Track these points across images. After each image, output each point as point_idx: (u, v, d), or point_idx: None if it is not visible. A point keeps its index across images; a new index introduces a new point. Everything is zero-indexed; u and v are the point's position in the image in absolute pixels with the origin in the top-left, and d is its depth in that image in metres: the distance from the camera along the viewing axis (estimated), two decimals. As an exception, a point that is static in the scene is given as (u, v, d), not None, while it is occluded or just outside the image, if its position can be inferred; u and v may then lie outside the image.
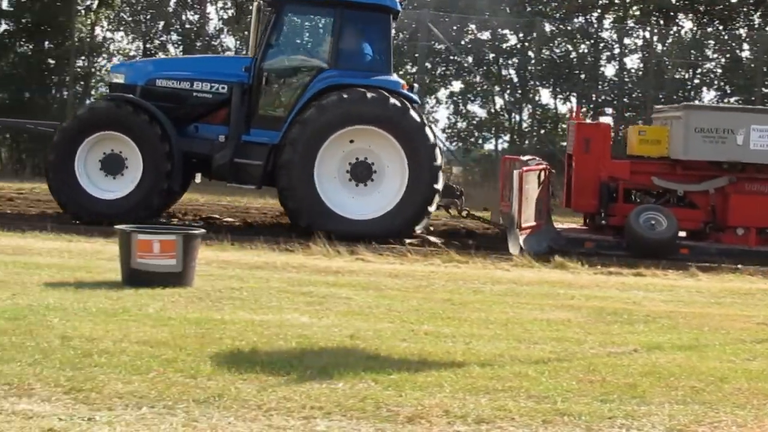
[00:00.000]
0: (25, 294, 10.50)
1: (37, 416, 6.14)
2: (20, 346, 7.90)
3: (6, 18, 35.04)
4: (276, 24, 19.97)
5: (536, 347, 9.13)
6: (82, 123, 19.77)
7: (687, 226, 19.87)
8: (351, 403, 6.78)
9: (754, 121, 19.33)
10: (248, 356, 8.08)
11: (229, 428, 6.12)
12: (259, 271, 13.36)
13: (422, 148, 18.81)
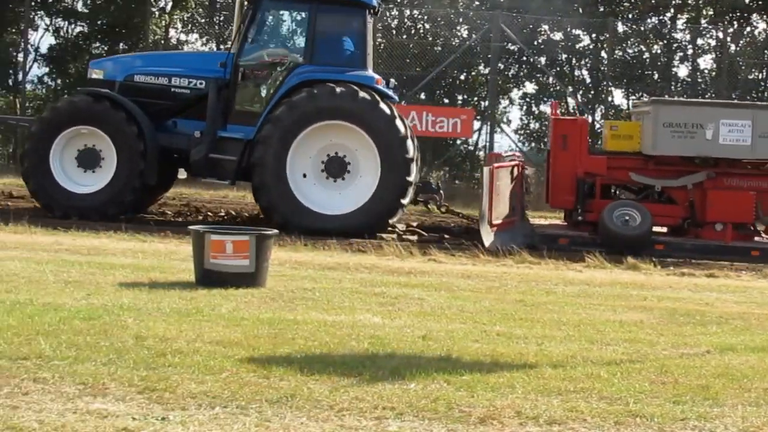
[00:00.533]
0: (99, 294, 10.56)
1: (112, 415, 6.14)
2: (95, 346, 7.93)
3: (81, 20, 35.34)
4: (253, 19, 20.21)
5: (608, 348, 9.06)
6: (57, 117, 19.95)
7: (666, 222, 20.36)
8: (423, 404, 6.73)
9: (723, 115, 19.42)
10: (321, 357, 8.06)
11: (302, 428, 6.09)
12: (332, 272, 13.38)
13: (394, 141, 18.89)
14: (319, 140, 19.42)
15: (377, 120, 18.95)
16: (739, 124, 19.06)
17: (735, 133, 19.03)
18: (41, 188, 19.77)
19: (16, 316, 8.98)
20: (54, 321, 8.84)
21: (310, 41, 20.07)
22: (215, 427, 6.02)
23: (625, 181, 20.26)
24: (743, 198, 19.48)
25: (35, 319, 8.87)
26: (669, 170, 19.94)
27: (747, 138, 18.99)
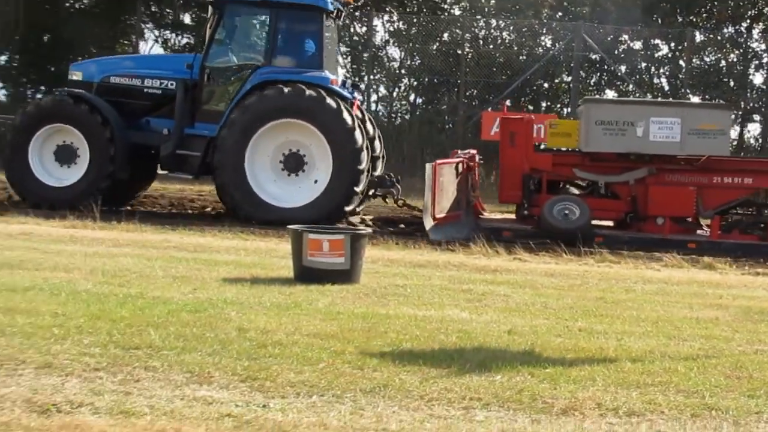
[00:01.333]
0: (204, 289, 10.75)
1: (216, 402, 6.34)
2: (201, 337, 8.11)
3: (187, 32, 35.64)
4: (218, 23, 20.61)
5: (685, 344, 9.06)
6: (39, 113, 20.55)
7: (610, 216, 20.46)
8: (508, 395, 6.85)
9: (652, 113, 19.47)
10: (411, 349, 8.18)
11: (394, 417, 6.23)
12: (422, 269, 13.44)
13: (341, 133, 19.26)
14: (275, 139, 19.87)
15: (324, 115, 19.29)
16: (668, 122, 19.17)
17: (665, 131, 19.13)
18: (21, 184, 20.54)
19: (128, 308, 9.18)
20: (163, 313, 9.03)
21: (270, 44, 20.49)
22: (312, 415, 6.19)
23: (570, 177, 20.48)
24: (684, 193, 19.56)
25: (146, 312, 9.06)
26: (611, 167, 19.95)
27: (676, 135, 19.08)
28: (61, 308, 9.01)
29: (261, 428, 5.85)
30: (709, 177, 19.58)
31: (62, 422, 5.72)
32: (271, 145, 19.89)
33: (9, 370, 6.83)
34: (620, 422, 6.42)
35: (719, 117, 19.70)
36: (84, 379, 6.71)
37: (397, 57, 36.70)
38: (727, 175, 19.72)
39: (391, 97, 37.23)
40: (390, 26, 37.10)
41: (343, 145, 19.28)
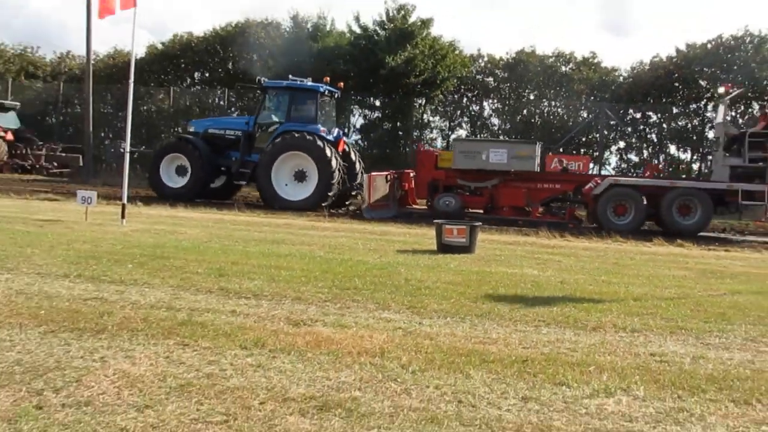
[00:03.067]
0: (386, 255, 10.79)
1: (392, 321, 6.38)
2: (384, 284, 8.16)
3: (377, 110, 35.85)
4: (263, 99, 22.03)
5: (666, 290, 8.81)
6: (167, 147, 22.25)
7: (479, 206, 20.70)
8: (560, 318, 6.78)
9: (491, 146, 20.45)
10: (504, 291, 8.13)
11: (493, 330, 6.21)
12: (510, 246, 13.34)
13: (323, 161, 20.14)
14: (290, 163, 20.60)
15: (315, 150, 20.17)
16: (500, 151, 20.07)
17: (498, 156, 19.96)
18: (154, 183, 22.01)
19: (343, 266, 9.30)
20: (363, 270, 9.11)
21: (288, 110, 21.27)
22: (447, 328, 6.20)
23: (456, 184, 20.68)
24: (519, 193, 20.07)
25: (353, 269, 9.14)
26: (479, 177, 20.31)
27: (504, 159, 19.88)
28: (305, 266, 9.16)
29: (418, 335, 5.87)
30: (534, 183, 20.09)
31: (306, 331, 5.81)
32: (288, 166, 20.67)
33: (276, 300, 6.96)
34: (627, 335, 6.33)
35: (529, 149, 20.34)
36: (318, 306, 6.81)
37: (497, 123, 36.40)
38: (545, 183, 20.22)
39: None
40: (493, 105, 36.80)
41: (324, 167, 20.14)
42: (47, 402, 3.95)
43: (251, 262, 9.27)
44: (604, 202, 18.79)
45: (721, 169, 18.75)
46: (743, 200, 18.04)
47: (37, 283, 7.24)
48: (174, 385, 4.33)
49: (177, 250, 10.08)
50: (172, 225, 13.66)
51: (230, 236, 12.22)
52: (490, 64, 36.78)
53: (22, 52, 43.71)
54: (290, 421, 3.87)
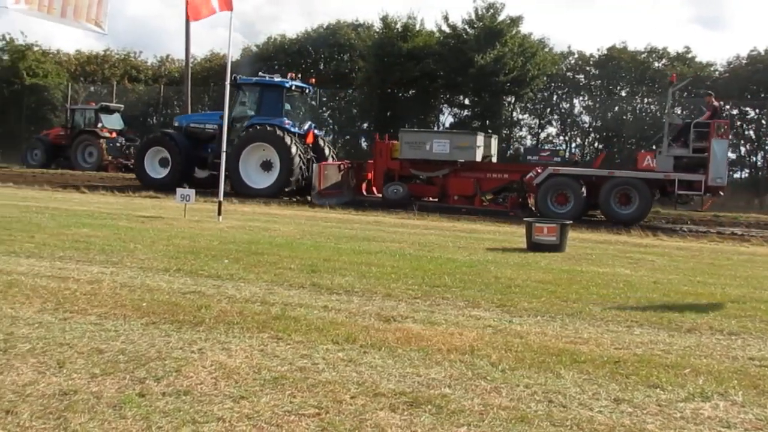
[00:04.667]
0: (475, 254, 10.72)
1: (482, 318, 6.33)
2: (473, 281, 8.10)
3: (468, 108, 35.65)
4: (237, 95, 22.91)
5: (765, 292, 8.46)
6: (150, 141, 23.96)
7: (431, 195, 21.49)
8: (654, 319, 6.59)
9: (434, 137, 21.27)
10: (596, 290, 7.96)
11: (584, 330, 6.09)
12: (601, 245, 13.08)
13: (285, 153, 21.23)
14: (256, 154, 21.76)
15: (278, 142, 21.28)
16: (442, 142, 20.73)
17: (441, 147, 20.62)
18: (140, 174, 23.65)
19: (433, 264, 9.28)
20: (452, 267, 9.07)
21: (257, 105, 22.48)
22: (537, 327, 6.11)
23: (409, 174, 21.39)
24: (468, 182, 20.67)
25: (442, 266, 9.12)
26: (430, 167, 20.99)
27: (446, 149, 20.52)
28: (395, 263, 9.17)
29: (508, 333, 5.81)
30: (483, 173, 20.76)
31: (396, 327, 5.82)
32: (255, 156, 21.84)
33: (367, 297, 6.99)
34: (724, 338, 6.10)
35: (469, 139, 20.95)
36: (408, 303, 6.81)
37: (587, 121, 35.82)
38: (493, 173, 20.91)
39: (583, 145, 36.27)
40: (583, 102, 36.22)
41: (285, 158, 21.24)
42: (149, 390, 4.06)
43: (342, 258, 9.34)
44: (545, 191, 19.22)
45: (665, 159, 18.69)
46: (679, 190, 18.28)
47: (139, 276, 7.46)
48: (268, 377, 4.39)
49: (271, 246, 10.24)
50: (266, 222, 13.90)
51: (322, 233, 12.35)
52: (580, 61, 36.25)
53: (126, 56, 45.22)
54: (380, 416, 3.88)
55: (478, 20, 34.04)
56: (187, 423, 3.64)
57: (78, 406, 3.76)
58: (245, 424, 3.68)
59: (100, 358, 4.60)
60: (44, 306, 5.90)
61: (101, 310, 5.83)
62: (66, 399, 3.86)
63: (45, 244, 9.23)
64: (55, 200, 16.88)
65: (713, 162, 17.88)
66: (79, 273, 7.44)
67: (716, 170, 17.88)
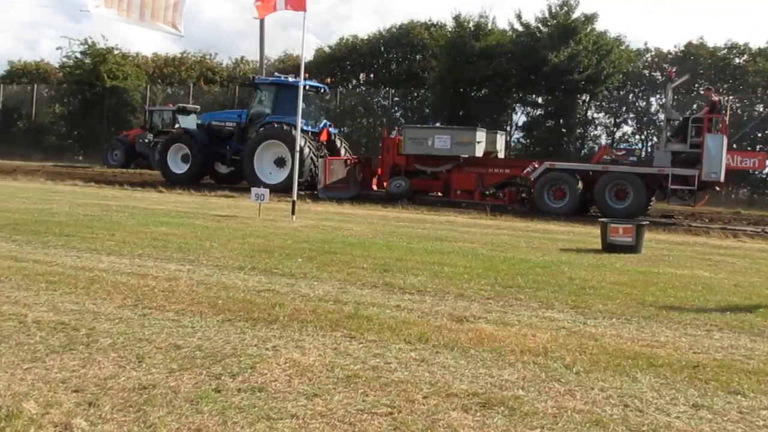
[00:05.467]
0: (549, 254, 10.62)
1: (556, 320, 6.26)
2: (547, 282, 8.02)
3: (539, 107, 35.23)
4: (254, 94, 24.51)
5: None
6: (173, 138, 25.08)
7: (436, 189, 21.97)
8: (734, 323, 6.41)
9: (436, 133, 21.66)
10: (673, 293, 7.79)
11: (661, 334, 5.96)
12: (679, 246, 12.82)
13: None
14: (271, 150, 22.62)
15: (290, 140, 20.29)
16: (443, 137, 21.08)
17: (442, 142, 20.98)
18: (161, 168, 24.89)
19: (505, 264, 9.22)
20: (525, 268, 9.01)
21: (273, 104, 23.21)
22: (612, 329, 6.01)
23: (415, 169, 21.85)
24: (470, 177, 21.06)
25: (515, 267, 9.06)
26: (435, 162, 21.54)
27: (447, 144, 20.89)
28: (468, 263, 9.15)
29: (582, 336, 5.73)
30: (485, 168, 21.15)
31: (469, 327, 5.79)
32: (269, 153, 22.71)
33: (439, 297, 6.98)
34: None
35: (469, 135, 21.14)
36: (481, 304, 6.78)
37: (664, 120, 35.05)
38: (495, 167, 21.35)
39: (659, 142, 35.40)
40: (660, 100, 35.39)
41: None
42: (225, 386, 4.12)
43: (415, 258, 9.35)
44: (541, 185, 19.78)
45: (663, 154, 18.94)
46: (674, 185, 18.40)
47: (215, 274, 7.59)
48: (341, 375, 4.42)
49: (344, 245, 10.31)
50: (339, 221, 14.00)
51: (394, 233, 12.38)
52: (657, 58, 35.46)
53: (202, 58, 46.08)
54: (453, 417, 3.87)
55: (551, 18, 33.63)
56: (261, 419, 3.69)
57: (156, 400, 3.85)
58: (318, 421, 3.71)
59: (177, 353, 4.70)
60: (124, 302, 6.06)
61: (179, 307, 5.96)
62: (145, 393, 3.95)
63: (125, 242, 9.48)
64: (134, 199, 17.31)
65: (707, 157, 18.02)
66: (157, 270, 7.62)
67: (710, 165, 18.02)
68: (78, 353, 4.60)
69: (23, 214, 12.24)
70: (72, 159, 39.03)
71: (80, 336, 4.98)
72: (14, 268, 7.31)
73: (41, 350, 4.62)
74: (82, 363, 4.41)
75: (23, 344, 4.73)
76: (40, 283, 6.62)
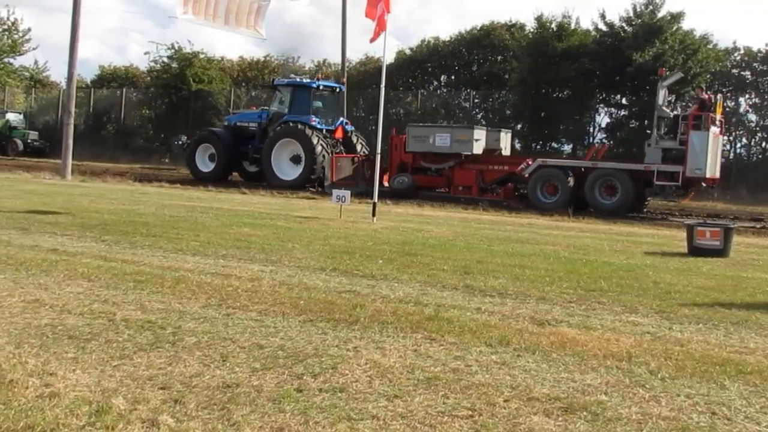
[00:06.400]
0: (633, 257, 10.42)
1: (640, 324, 6.13)
2: (630, 286, 7.86)
3: (624, 108, 34.53)
4: (274, 95, 25.97)
5: None
6: (200, 138, 26.40)
7: (438, 186, 23.03)
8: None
9: (437, 131, 22.87)
10: (763, 298, 7.54)
11: (750, 340, 5.78)
12: None
13: (310, 148, 23.37)
14: (287, 148, 24.14)
15: (304, 139, 23.49)
16: (444, 136, 22.27)
17: (442, 140, 22.12)
18: (190, 165, 26.52)
19: (588, 267, 9.07)
20: (608, 271, 8.86)
21: (290, 104, 24.61)
22: (699, 335, 5.86)
23: (420, 165, 22.95)
24: (471, 174, 21.90)
25: (598, 270, 8.91)
26: (438, 160, 22.56)
27: (447, 142, 21.99)
28: (550, 266, 9.04)
29: (667, 341, 5.61)
30: (485, 165, 21.92)
31: (551, 331, 5.73)
32: (286, 151, 24.16)
33: (520, 300, 6.91)
34: None
35: (467, 133, 22.10)
36: (563, 307, 6.69)
37: (754, 120, 33.93)
38: (495, 164, 22.04)
39: (749, 145, 34.33)
40: (750, 101, 34.28)
41: (310, 152, 23.39)
42: (306, 386, 4.17)
43: (495, 260, 9.29)
44: (534, 181, 20.61)
45: (654, 151, 19.65)
46: (658, 181, 19.11)
47: (297, 275, 7.69)
48: (421, 377, 4.42)
49: (424, 247, 10.31)
50: (419, 223, 14.01)
51: (474, 235, 12.32)
52: (746, 57, 34.36)
53: (285, 62, 46.73)
54: (534, 421, 3.83)
55: (636, 17, 32.98)
56: (342, 419, 3.72)
57: (240, 399, 3.92)
58: (399, 423, 3.72)
59: (260, 353, 4.78)
60: (209, 302, 6.19)
61: (261, 307, 6.05)
62: (229, 391, 4.03)
63: (209, 243, 9.68)
64: (218, 200, 17.66)
65: (691, 153, 18.67)
66: (240, 271, 7.75)
67: (694, 161, 18.65)
68: (164, 351, 4.72)
69: (112, 214, 12.62)
70: (158, 161, 40.01)
71: (166, 334, 5.11)
72: (104, 267, 7.54)
73: (129, 348, 4.76)
74: (169, 361, 4.52)
75: (112, 342, 4.88)
76: (128, 283, 6.81)
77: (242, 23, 15.28)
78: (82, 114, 44.14)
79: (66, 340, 4.86)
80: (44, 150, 42.13)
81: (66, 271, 7.24)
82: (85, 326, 5.22)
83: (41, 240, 9.23)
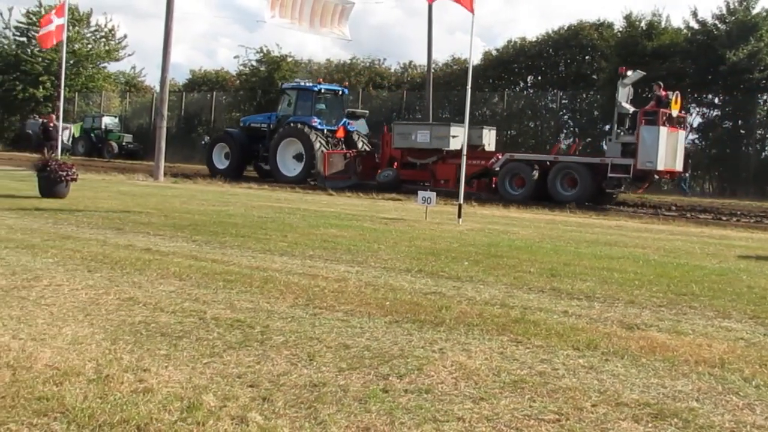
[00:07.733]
0: (726, 261, 10.12)
1: (733, 330, 5.93)
2: (723, 291, 7.62)
3: (715, 108, 33.52)
4: (281, 99, 28.39)
5: None
6: (218, 138, 29.84)
7: (423, 179, 24.25)
8: None
9: (418, 128, 24.52)
10: None
11: None
12: None
13: (309, 147, 25.33)
14: (291, 147, 26.33)
15: (305, 138, 25.56)
16: (424, 132, 23.93)
17: (423, 137, 23.91)
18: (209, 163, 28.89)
19: (679, 271, 8.84)
20: (700, 275, 8.62)
21: (294, 106, 26.86)
22: (762, 338, 5.68)
23: (406, 160, 24.59)
24: (451, 168, 22.59)
25: (689, 273, 8.68)
26: (423, 155, 24.19)
27: (427, 138, 23.80)
28: (639, 269, 8.86)
29: (762, 347, 5.42)
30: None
31: (640, 335, 5.60)
32: (290, 150, 26.32)
33: (609, 303, 6.78)
34: None
35: (444, 130, 23.87)
36: (652, 311, 6.54)
37: None
38: (474, 160, 22.44)
39: None
40: None
41: (308, 151, 25.40)
42: (392, 387, 4.18)
43: (583, 263, 9.15)
44: (503, 174, 22.41)
45: (614, 145, 21.20)
46: (612, 173, 20.55)
47: (383, 276, 7.72)
48: (507, 380, 4.38)
49: (510, 249, 10.23)
50: (505, 225, 13.90)
51: (561, 237, 12.16)
52: None
53: (371, 64, 47.03)
54: (623, 426, 3.75)
55: (729, 15, 32.08)
56: (428, 421, 3.72)
57: (327, 398, 3.95)
58: (485, 425, 3.69)
59: (346, 353, 4.81)
60: (296, 301, 6.27)
61: (347, 307, 6.10)
62: (316, 390, 4.07)
63: (296, 243, 9.81)
64: (305, 202, 17.90)
65: (642, 147, 20.12)
66: (327, 271, 7.84)
67: (645, 155, 20.06)
68: (253, 350, 4.80)
69: (202, 215, 12.92)
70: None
71: (255, 333, 5.19)
72: (194, 267, 7.73)
73: (219, 346, 4.86)
74: (257, 359, 4.60)
75: (203, 339, 4.99)
76: (218, 282, 6.96)
77: (327, 25, 15.51)
78: (174, 117, 45.38)
79: (159, 338, 4.99)
80: (138, 152, 43.50)
81: (159, 270, 7.45)
82: (176, 324, 5.35)
83: (135, 239, 9.51)
